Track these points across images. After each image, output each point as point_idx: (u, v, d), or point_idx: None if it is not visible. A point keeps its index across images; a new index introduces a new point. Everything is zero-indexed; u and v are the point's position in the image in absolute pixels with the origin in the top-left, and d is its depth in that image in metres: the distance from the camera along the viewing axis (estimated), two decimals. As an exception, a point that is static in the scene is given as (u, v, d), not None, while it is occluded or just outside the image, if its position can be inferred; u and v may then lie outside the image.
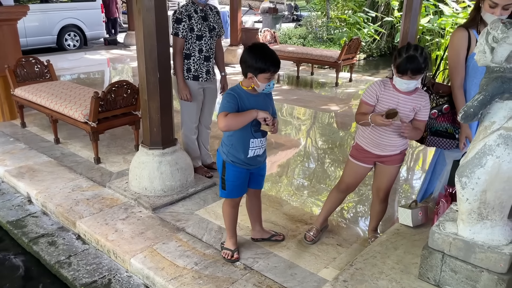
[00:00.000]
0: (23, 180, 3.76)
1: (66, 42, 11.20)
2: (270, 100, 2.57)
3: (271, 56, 2.35)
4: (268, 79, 2.37)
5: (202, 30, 3.54)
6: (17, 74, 4.92)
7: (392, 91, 2.50)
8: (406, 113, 2.49)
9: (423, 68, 2.34)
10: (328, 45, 11.29)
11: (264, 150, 2.62)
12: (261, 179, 2.75)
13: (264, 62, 2.31)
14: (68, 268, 2.81)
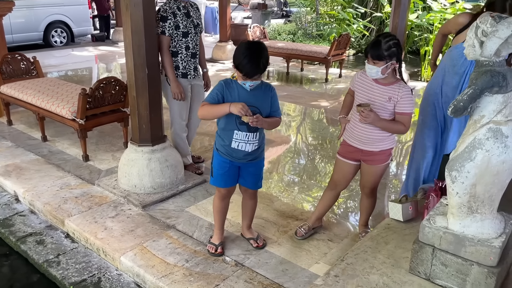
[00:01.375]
0: (9, 179, 3.70)
1: (52, 38, 11.05)
2: (267, 98, 2.47)
3: (255, 62, 2.28)
4: (243, 79, 2.34)
5: (187, 27, 3.52)
6: (3, 71, 4.83)
7: (369, 80, 2.54)
8: (382, 103, 2.50)
9: (383, 55, 2.37)
10: (317, 41, 11.29)
11: (257, 148, 2.53)
12: (249, 178, 2.65)
13: (244, 64, 2.28)
14: (57, 267, 2.77)
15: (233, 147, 2.47)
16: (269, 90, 2.48)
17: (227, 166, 2.56)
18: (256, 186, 2.71)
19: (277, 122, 2.55)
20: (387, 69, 2.42)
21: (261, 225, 3.08)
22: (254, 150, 2.53)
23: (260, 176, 2.70)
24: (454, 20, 2.90)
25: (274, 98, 2.51)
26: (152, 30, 3.26)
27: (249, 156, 2.54)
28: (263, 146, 2.63)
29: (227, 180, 2.62)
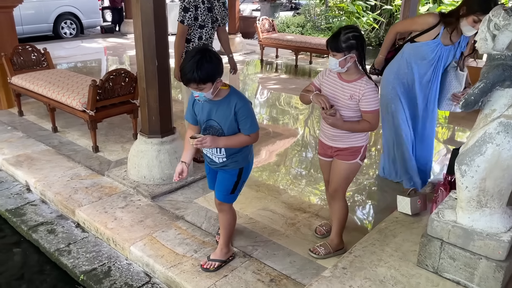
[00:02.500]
0: (21, 169, 3.75)
1: (62, 30, 11.10)
2: (229, 113, 2.22)
3: (189, 69, 2.09)
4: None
5: (205, 21, 3.65)
6: (14, 62, 4.87)
7: (334, 77, 2.44)
8: (345, 101, 2.38)
9: (341, 47, 2.26)
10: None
11: (223, 161, 2.36)
12: (217, 184, 2.48)
13: (181, 69, 2.15)
14: (68, 256, 2.81)
15: (203, 152, 2.42)
16: (233, 104, 2.21)
17: (208, 168, 2.54)
18: (220, 196, 2.46)
19: (244, 141, 2.28)
20: (345, 62, 2.30)
21: (269, 217, 3.10)
22: (221, 162, 2.38)
23: (225, 187, 2.44)
24: (423, 19, 3.03)
25: (241, 114, 2.22)
26: (162, 22, 3.26)
27: (218, 164, 2.40)
28: (238, 159, 2.37)
29: (209, 181, 2.60)
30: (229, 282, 2.43)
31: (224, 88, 2.25)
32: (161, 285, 2.56)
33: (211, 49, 2.20)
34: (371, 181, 3.78)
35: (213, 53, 2.15)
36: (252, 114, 2.27)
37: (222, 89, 2.24)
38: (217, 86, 2.17)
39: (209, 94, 2.17)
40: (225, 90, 2.26)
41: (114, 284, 2.56)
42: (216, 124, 2.27)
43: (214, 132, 2.28)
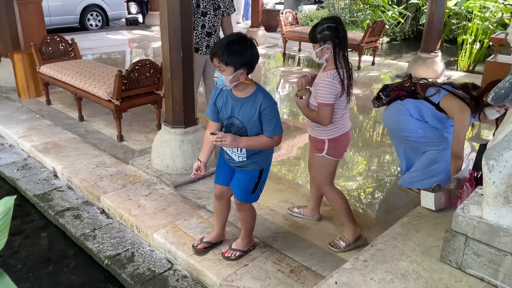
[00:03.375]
0: (49, 156, 3.86)
1: (88, 22, 11.29)
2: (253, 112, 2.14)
3: (220, 42, 2.11)
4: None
5: (207, 8, 3.81)
6: (43, 52, 4.99)
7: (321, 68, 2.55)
8: (314, 90, 2.49)
9: (317, 38, 2.36)
10: (350, 28, 11.09)
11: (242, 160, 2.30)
12: (235, 184, 2.41)
13: None
14: (93, 240, 2.89)
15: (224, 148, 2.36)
16: (259, 103, 2.13)
17: (222, 161, 2.45)
18: (239, 195, 2.42)
19: (265, 143, 2.20)
20: (322, 53, 2.37)
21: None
22: (240, 161, 2.32)
23: (245, 188, 2.39)
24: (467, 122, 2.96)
25: (266, 114, 2.14)
26: (188, 13, 3.29)
27: (237, 162, 2.34)
28: (258, 160, 2.32)
29: (219, 175, 2.48)
30: (249, 271, 2.46)
31: (250, 83, 2.17)
32: (182, 272, 2.60)
33: (252, 40, 2.11)
34: (392, 177, 3.74)
35: (251, 44, 2.08)
36: (277, 116, 2.18)
37: (247, 85, 2.16)
38: (238, 77, 2.08)
39: (227, 80, 2.07)
40: (251, 87, 2.17)
41: (137, 269, 2.62)
42: (238, 122, 2.19)
43: (236, 131, 2.21)
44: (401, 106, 3.24)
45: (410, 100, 3.20)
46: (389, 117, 3.37)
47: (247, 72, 2.10)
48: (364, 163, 4.09)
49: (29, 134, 4.30)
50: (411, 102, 3.20)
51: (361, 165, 4.06)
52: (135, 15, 13.37)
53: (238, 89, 2.16)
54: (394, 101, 3.31)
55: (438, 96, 3.07)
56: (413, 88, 3.23)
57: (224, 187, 2.48)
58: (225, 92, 2.22)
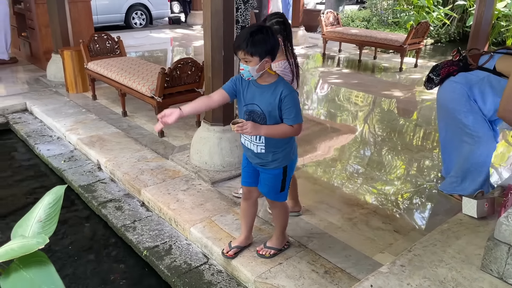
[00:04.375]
0: (94, 149, 4.02)
1: (133, 20, 11.63)
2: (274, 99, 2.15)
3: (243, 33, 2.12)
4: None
5: (237, 3, 3.89)
6: (90, 49, 5.20)
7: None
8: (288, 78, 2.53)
9: None
10: (393, 29, 10.87)
11: (264, 153, 2.28)
12: (262, 184, 2.42)
13: None
14: (133, 232, 2.99)
15: (242, 142, 2.36)
16: (279, 91, 2.14)
17: (246, 162, 2.46)
18: (268, 195, 2.45)
19: (286, 131, 2.19)
20: None
21: (325, 210, 3.10)
22: (261, 154, 2.29)
23: (273, 188, 2.39)
24: None
25: (287, 102, 2.14)
26: (230, 13, 3.34)
27: (257, 158, 2.33)
28: (279, 157, 2.30)
29: (244, 176, 2.49)
30: (283, 269, 2.48)
31: (272, 73, 2.21)
32: (218, 267, 2.65)
33: (271, 27, 2.17)
34: (431, 183, 3.65)
35: (272, 32, 2.12)
36: (298, 104, 2.18)
37: (270, 74, 2.20)
38: (263, 66, 2.11)
39: (253, 70, 2.10)
40: (273, 76, 2.21)
41: (174, 262, 2.69)
42: (258, 109, 2.20)
43: (256, 117, 2.21)
44: (454, 84, 3.06)
45: (463, 74, 3.03)
46: (440, 97, 3.20)
47: (271, 60, 2.15)
48: (403, 167, 4.01)
49: (75, 127, 4.50)
50: (464, 76, 3.02)
51: (400, 169, 3.98)
52: (178, 14, 13.67)
53: (262, 77, 2.19)
54: (446, 78, 3.15)
55: (493, 60, 2.90)
56: (464, 60, 3.08)
57: (251, 187, 2.50)
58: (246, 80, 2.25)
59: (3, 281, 1.38)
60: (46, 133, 4.62)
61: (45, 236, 1.37)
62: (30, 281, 1.31)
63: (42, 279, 1.31)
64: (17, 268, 1.39)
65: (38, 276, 1.32)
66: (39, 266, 1.36)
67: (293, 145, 2.36)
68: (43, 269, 1.35)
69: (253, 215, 2.62)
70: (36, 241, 1.33)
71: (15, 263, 1.41)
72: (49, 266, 1.37)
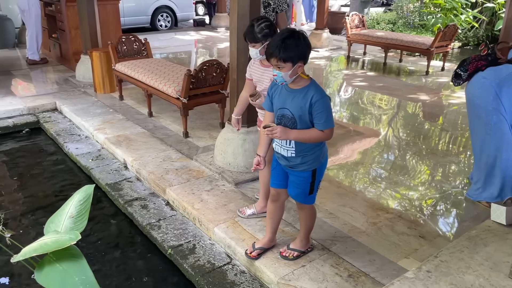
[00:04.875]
0: (120, 148, 4.10)
1: (158, 22, 11.81)
2: (305, 103, 2.14)
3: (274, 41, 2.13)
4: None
5: (277, 3, 4.02)
6: (118, 50, 5.31)
7: (258, 64, 2.72)
8: (266, 84, 2.62)
9: (258, 38, 2.56)
10: (419, 32, 10.71)
11: (294, 157, 2.29)
12: (290, 186, 2.43)
13: None
14: (158, 230, 3.04)
15: (273, 145, 2.38)
16: (310, 96, 2.14)
17: (275, 163, 2.47)
18: (297, 198, 2.45)
19: (316, 136, 2.19)
20: (264, 50, 2.48)
21: (349, 214, 3.08)
22: (291, 157, 2.31)
23: (301, 190, 2.39)
24: None
25: (318, 107, 2.13)
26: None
27: (286, 160, 2.34)
28: (308, 159, 2.30)
29: (273, 178, 2.49)
30: (306, 272, 2.48)
31: (305, 77, 2.20)
32: (241, 267, 2.67)
33: (302, 32, 2.15)
34: (457, 189, 3.58)
35: (303, 37, 2.11)
36: (329, 109, 2.17)
37: (302, 78, 2.18)
38: (296, 70, 2.12)
39: (286, 76, 2.12)
40: (305, 80, 2.20)
41: (198, 261, 2.72)
42: (289, 113, 2.20)
43: (287, 122, 2.22)
44: (482, 80, 2.99)
45: (492, 68, 2.95)
46: (468, 93, 3.13)
47: (303, 64, 2.15)
48: (428, 172, 3.95)
49: (103, 127, 4.60)
50: (493, 70, 2.94)
51: (425, 175, 3.92)
52: (202, 16, 13.82)
53: (294, 81, 2.19)
54: (474, 74, 3.07)
55: None
56: (493, 55, 3.01)
57: (280, 190, 2.50)
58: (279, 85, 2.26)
59: (38, 273, 1.44)
60: (75, 132, 4.74)
61: (77, 232, 1.42)
62: (63, 273, 1.36)
63: (75, 271, 1.36)
64: (51, 260, 1.44)
65: (71, 268, 1.37)
66: (72, 259, 1.41)
67: (323, 148, 2.35)
68: (76, 261, 1.40)
69: (279, 217, 2.63)
70: (69, 237, 1.38)
71: (49, 255, 1.47)
72: (81, 259, 1.41)
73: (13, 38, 8.52)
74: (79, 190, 1.79)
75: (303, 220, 2.56)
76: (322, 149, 2.33)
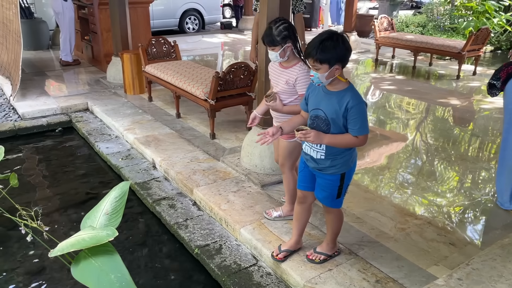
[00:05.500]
0: (149, 148, 4.18)
1: (186, 25, 11.97)
2: (340, 106, 2.13)
3: (314, 40, 2.13)
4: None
5: None
6: (148, 52, 5.41)
7: (276, 65, 2.73)
8: (283, 86, 2.66)
9: (277, 40, 2.53)
10: (450, 35, 10.49)
11: (324, 159, 2.27)
12: (318, 189, 2.43)
13: None
14: (185, 230, 3.08)
15: (303, 146, 2.38)
16: (346, 101, 2.12)
17: (303, 165, 2.46)
18: (324, 201, 2.44)
19: (350, 142, 2.18)
20: (284, 52, 2.57)
21: (377, 219, 3.05)
22: (320, 160, 2.29)
23: (329, 193, 2.38)
24: None
25: (353, 113, 2.11)
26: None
27: (315, 163, 2.33)
28: (337, 163, 2.28)
29: (301, 180, 2.49)
30: (333, 276, 2.46)
31: (343, 80, 2.17)
32: (267, 269, 2.68)
33: (343, 34, 2.12)
34: (487, 196, 3.48)
35: (343, 39, 2.09)
36: (365, 116, 2.14)
37: (340, 81, 2.16)
38: (333, 73, 2.10)
39: (323, 77, 2.10)
40: (343, 84, 2.18)
41: (224, 261, 2.74)
42: (323, 114, 2.19)
43: (320, 123, 2.21)
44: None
45: None
46: (504, 99, 3.10)
47: (341, 67, 2.13)
48: (457, 179, 3.86)
49: (132, 127, 4.70)
50: None
51: (453, 181, 3.83)
52: (229, 19, 13.93)
53: (332, 83, 2.18)
54: (508, 80, 3.03)
55: None
56: None
57: (307, 192, 2.49)
58: (316, 86, 2.26)
59: (74, 268, 1.48)
60: (106, 132, 4.86)
61: (114, 228, 1.45)
62: (99, 269, 1.40)
63: (110, 268, 1.39)
64: (86, 256, 1.49)
65: (106, 264, 1.41)
66: (107, 256, 1.45)
67: (353, 153, 2.33)
68: (111, 258, 1.44)
69: (305, 220, 2.62)
70: (106, 233, 1.42)
71: (84, 251, 1.51)
72: (115, 256, 1.45)
73: (47, 40, 8.80)
74: (115, 187, 1.84)
75: (330, 223, 2.55)
76: (352, 154, 2.31)
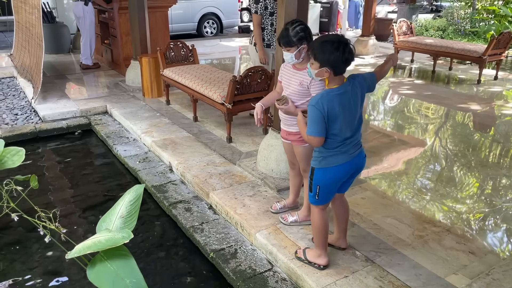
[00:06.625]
0: (166, 151, 4.21)
1: (204, 29, 12.06)
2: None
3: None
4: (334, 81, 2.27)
5: (274, 8, 4.41)
6: (166, 56, 5.46)
7: (289, 67, 2.73)
8: (295, 86, 2.66)
9: (293, 41, 2.54)
10: (470, 39, 10.31)
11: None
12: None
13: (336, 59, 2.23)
14: (201, 233, 3.09)
15: None
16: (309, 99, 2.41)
17: None
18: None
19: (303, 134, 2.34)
20: (300, 54, 2.59)
21: (395, 226, 3.00)
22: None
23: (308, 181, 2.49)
24: None
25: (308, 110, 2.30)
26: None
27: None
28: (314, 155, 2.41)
29: None
30: (349, 283, 2.43)
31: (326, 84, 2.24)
32: (282, 274, 2.66)
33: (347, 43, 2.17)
34: (509, 204, 3.40)
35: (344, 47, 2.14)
36: (311, 118, 2.22)
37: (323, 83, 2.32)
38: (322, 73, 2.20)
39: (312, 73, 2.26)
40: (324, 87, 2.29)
41: (239, 266, 2.74)
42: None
43: None
44: None
45: None
46: None
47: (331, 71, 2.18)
48: (477, 185, 3.78)
49: (150, 130, 4.74)
50: None
51: (473, 187, 3.75)
52: (247, 23, 13.98)
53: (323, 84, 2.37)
54: None
55: None
56: None
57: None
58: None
59: (90, 271, 1.50)
60: (124, 135, 4.92)
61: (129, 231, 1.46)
62: (114, 273, 1.41)
63: (125, 272, 1.40)
64: (102, 259, 1.50)
65: (122, 269, 1.41)
66: (122, 259, 1.46)
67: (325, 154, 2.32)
68: (126, 262, 1.45)
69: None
70: (121, 236, 1.43)
71: (100, 255, 1.53)
72: (131, 261, 1.46)
73: (68, 44, 8.97)
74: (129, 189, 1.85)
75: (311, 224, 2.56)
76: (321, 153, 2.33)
